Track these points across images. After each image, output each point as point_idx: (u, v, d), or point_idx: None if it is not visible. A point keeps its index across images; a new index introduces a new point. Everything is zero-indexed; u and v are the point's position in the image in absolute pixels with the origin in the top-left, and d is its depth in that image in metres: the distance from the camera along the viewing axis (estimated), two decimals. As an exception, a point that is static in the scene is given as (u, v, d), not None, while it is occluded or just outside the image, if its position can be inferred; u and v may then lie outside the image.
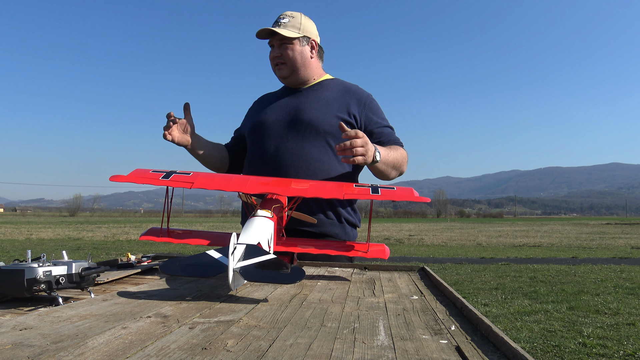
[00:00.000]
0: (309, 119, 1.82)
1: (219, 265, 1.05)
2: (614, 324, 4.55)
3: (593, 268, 9.07)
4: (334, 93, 1.91)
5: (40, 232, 23.33)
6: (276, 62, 1.90)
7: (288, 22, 1.86)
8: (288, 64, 1.88)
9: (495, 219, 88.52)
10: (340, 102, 1.87)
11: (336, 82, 1.99)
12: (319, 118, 1.82)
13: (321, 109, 1.84)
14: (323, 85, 1.95)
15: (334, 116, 1.83)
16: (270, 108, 1.94)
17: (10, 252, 11.83)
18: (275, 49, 1.88)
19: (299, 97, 1.92)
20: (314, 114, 1.83)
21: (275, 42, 1.87)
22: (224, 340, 0.71)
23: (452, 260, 10.81)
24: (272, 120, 1.88)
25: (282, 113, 1.89)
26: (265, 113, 1.93)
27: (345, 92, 1.92)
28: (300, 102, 1.89)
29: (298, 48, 1.88)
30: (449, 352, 0.68)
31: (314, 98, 1.89)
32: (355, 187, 1.39)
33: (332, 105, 1.86)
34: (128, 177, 1.36)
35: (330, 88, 1.94)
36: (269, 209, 1.32)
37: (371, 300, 1.07)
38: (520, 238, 20.34)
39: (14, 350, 0.64)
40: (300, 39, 1.88)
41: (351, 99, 1.89)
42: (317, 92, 1.92)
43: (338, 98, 1.89)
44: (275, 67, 1.92)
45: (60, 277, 1.02)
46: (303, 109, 1.86)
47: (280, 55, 1.88)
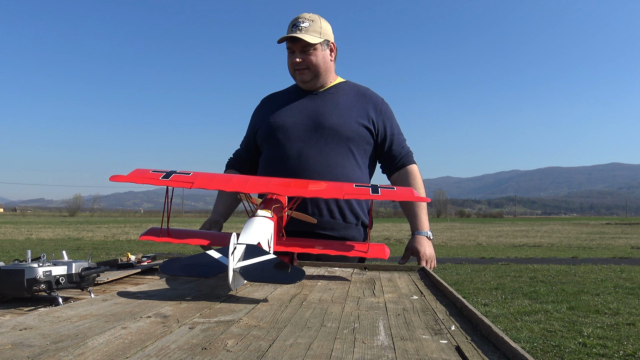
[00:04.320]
0: (331, 125, 1.82)
1: (219, 265, 1.05)
2: (614, 324, 4.55)
3: (593, 268, 9.07)
4: (350, 97, 1.92)
5: (40, 232, 23.33)
6: (298, 67, 1.87)
7: (309, 26, 1.82)
8: (311, 69, 1.86)
9: (495, 219, 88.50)
10: (359, 108, 1.89)
11: (349, 85, 1.99)
12: (341, 124, 1.83)
13: (342, 114, 1.85)
14: (338, 88, 1.95)
15: (355, 122, 1.85)
16: (287, 110, 1.90)
17: (10, 252, 11.82)
18: (297, 54, 1.84)
19: (316, 101, 1.90)
20: (336, 119, 1.83)
21: (297, 48, 1.84)
22: (224, 340, 0.71)
23: (452, 260, 10.81)
24: (291, 122, 1.86)
25: (301, 116, 1.87)
26: (283, 115, 1.89)
27: (361, 96, 1.94)
28: (319, 106, 1.87)
29: (320, 53, 1.86)
30: (449, 352, 0.68)
31: (332, 102, 1.88)
32: (356, 187, 1.39)
33: (352, 110, 1.87)
34: (128, 177, 1.36)
35: (346, 92, 1.93)
36: (269, 209, 1.32)
37: (371, 300, 1.07)
38: (520, 238, 20.34)
39: (14, 350, 0.64)
40: (321, 43, 1.85)
41: (368, 104, 1.92)
42: (334, 96, 1.91)
43: (356, 103, 1.91)
44: (296, 72, 1.89)
45: (60, 277, 1.02)
46: (323, 113, 1.85)
47: (303, 60, 1.84)
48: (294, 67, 1.87)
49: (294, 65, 1.87)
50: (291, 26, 1.84)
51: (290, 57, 1.88)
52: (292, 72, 1.91)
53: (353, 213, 1.86)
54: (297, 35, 1.80)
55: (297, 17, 1.85)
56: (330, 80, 1.95)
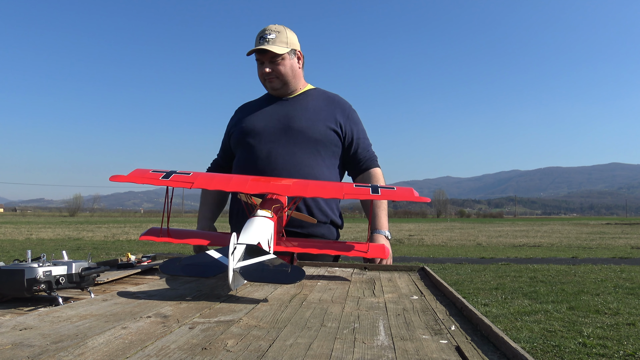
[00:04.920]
0: (300, 127, 1.92)
1: (219, 265, 1.05)
2: (614, 324, 4.55)
3: (593, 268, 9.07)
4: (319, 102, 2.02)
5: (40, 232, 23.33)
6: (268, 77, 1.96)
7: (275, 37, 1.91)
8: (280, 78, 1.95)
9: (495, 219, 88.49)
10: (327, 112, 1.99)
11: (319, 91, 2.10)
12: (309, 126, 1.92)
13: (311, 118, 1.95)
14: (307, 94, 2.05)
15: (323, 125, 1.95)
16: (258, 115, 2.00)
17: (10, 252, 11.82)
18: (266, 65, 1.93)
19: (286, 106, 1.99)
20: (305, 122, 1.93)
21: (266, 59, 1.93)
22: (224, 340, 0.71)
23: (452, 260, 10.81)
24: (262, 126, 1.95)
25: (272, 120, 1.96)
26: (254, 120, 1.99)
27: (330, 102, 2.04)
28: (289, 111, 1.97)
29: (288, 62, 1.95)
30: (449, 352, 0.68)
31: (301, 107, 1.98)
32: (355, 187, 1.39)
33: (321, 114, 1.97)
34: (128, 177, 1.36)
35: (315, 97, 2.04)
36: (269, 209, 1.32)
37: (371, 300, 1.07)
38: (520, 238, 20.34)
39: (14, 350, 0.64)
40: (289, 53, 1.95)
41: (337, 109, 2.02)
42: (304, 101, 2.01)
43: (325, 108, 2.00)
44: (266, 81, 1.98)
45: (60, 277, 1.02)
46: (293, 117, 1.94)
47: (272, 71, 1.94)
48: (264, 76, 1.97)
49: (263, 75, 1.97)
50: (258, 38, 1.93)
51: (260, 68, 1.97)
52: (263, 81, 2.01)
53: (321, 211, 1.92)
54: (266, 47, 1.88)
55: (264, 29, 1.94)
56: (300, 86, 2.05)
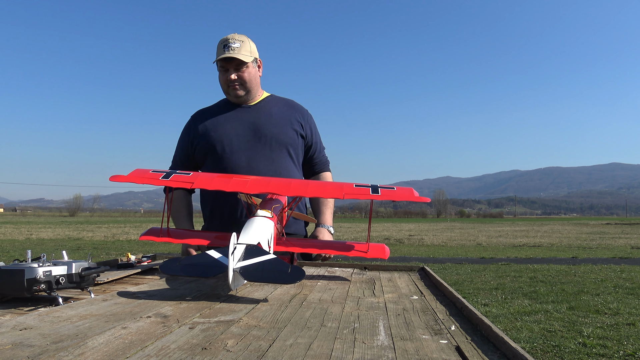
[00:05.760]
0: (271, 133, 2.01)
1: (219, 265, 1.05)
2: (614, 324, 4.55)
3: (593, 268, 9.07)
4: (281, 108, 2.12)
5: (40, 232, 23.33)
6: (233, 84, 2.00)
7: (240, 46, 1.96)
8: (245, 85, 2.02)
9: (495, 219, 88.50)
10: (290, 117, 2.10)
11: (276, 98, 2.19)
12: (279, 132, 2.03)
13: (278, 123, 2.05)
14: (267, 101, 2.13)
15: (290, 129, 2.07)
16: (225, 123, 2.04)
17: (10, 252, 11.82)
18: (232, 72, 1.98)
19: (251, 113, 2.06)
20: (274, 128, 2.03)
21: (231, 66, 1.97)
22: (224, 340, 0.71)
23: (452, 260, 10.81)
24: (233, 134, 2.00)
25: (241, 127, 2.02)
26: (223, 128, 2.03)
27: (290, 107, 2.15)
28: (255, 117, 2.05)
29: (252, 70, 2.02)
30: (449, 352, 0.68)
31: (266, 113, 2.07)
32: (355, 187, 1.39)
33: (285, 119, 2.08)
34: (128, 177, 1.36)
35: (275, 104, 2.13)
36: (269, 209, 1.32)
37: (371, 300, 1.07)
38: (520, 238, 20.34)
39: (14, 350, 0.64)
40: (252, 61, 2.02)
41: (297, 114, 2.14)
42: (266, 107, 2.09)
43: (287, 113, 2.11)
44: (230, 88, 2.02)
45: (60, 277, 1.02)
46: (261, 123, 2.03)
47: (238, 77, 1.99)
48: (228, 83, 2.00)
49: (227, 82, 2.00)
50: (222, 46, 1.96)
51: (224, 75, 2.00)
52: (226, 88, 2.04)
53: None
54: (234, 56, 1.93)
55: (227, 38, 1.97)
56: (258, 94, 2.13)
